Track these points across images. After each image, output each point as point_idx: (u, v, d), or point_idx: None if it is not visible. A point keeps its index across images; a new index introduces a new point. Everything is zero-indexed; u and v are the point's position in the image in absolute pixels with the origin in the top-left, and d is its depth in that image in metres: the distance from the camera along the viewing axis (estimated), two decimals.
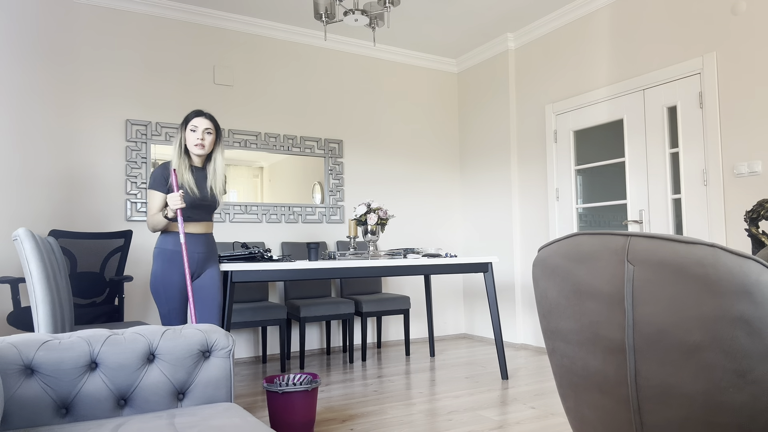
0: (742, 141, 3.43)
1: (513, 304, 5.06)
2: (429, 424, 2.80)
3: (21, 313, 3.26)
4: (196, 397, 1.74)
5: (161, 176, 2.70)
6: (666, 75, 3.86)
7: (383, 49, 5.39)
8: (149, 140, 4.28)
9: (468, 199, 5.70)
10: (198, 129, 2.68)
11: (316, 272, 3.29)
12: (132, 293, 4.18)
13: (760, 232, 2.24)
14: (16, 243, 2.33)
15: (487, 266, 3.79)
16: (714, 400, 1.05)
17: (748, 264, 1.00)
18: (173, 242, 2.69)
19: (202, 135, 2.68)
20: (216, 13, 4.55)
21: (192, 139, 2.68)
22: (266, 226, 4.73)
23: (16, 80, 3.89)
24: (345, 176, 5.15)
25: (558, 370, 1.41)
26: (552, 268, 1.35)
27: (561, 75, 4.70)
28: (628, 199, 4.14)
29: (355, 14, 3.37)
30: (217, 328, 1.85)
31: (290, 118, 4.92)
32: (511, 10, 4.63)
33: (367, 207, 3.74)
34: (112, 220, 4.14)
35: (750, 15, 3.41)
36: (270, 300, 4.68)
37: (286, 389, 2.51)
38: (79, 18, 4.12)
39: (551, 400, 3.21)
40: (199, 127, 2.68)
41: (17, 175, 3.86)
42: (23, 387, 1.52)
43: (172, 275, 2.66)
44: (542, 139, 4.88)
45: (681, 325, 1.06)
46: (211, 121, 2.72)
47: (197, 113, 2.71)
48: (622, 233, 1.18)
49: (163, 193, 2.70)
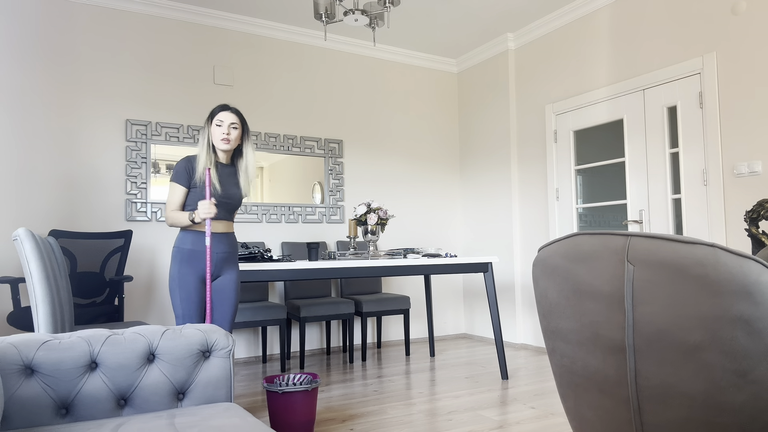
0: (742, 141, 3.43)
1: (513, 304, 5.06)
2: (429, 424, 2.80)
3: (21, 313, 3.26)
4: (196, 397, 1.74)
5: (184, 169, 2.59)
6: (666, 75, 3.86)
7: (383, 49, 5.39)
8: (149, 140, 4.28)
9: (468, 199, 5.70)
10: (224, 123, 2.61)
11: (316, 272, 3.29)
12: (132, 293, 4.18)
13: (760, 232, 2.24)
14: (16, 243, 2.33)
15: (487, 266, 3.78)
16: (714, 400, 1.05)
17: (748, 264, 1.00)
18: (191, 241, 2.59)
19: (228, 130, 2.61)
20: (216, 13, 4.55)
21: (218, 133, 2.60)
22: (266, 226, 4.73)
23: (16, 80, 3.89)
24: (345, 176, 5.15)
25: (558, 370, 1.41)
26: (552, 268, 1.35)
27: (561, 75, 4.70)
28: (628, 199, 4.14)
29: (355, 14, 3.37)
30: (217, 328, 1.85)
31: (290, 118, 4.92)
32: (511, 10, 4.63)
33: (367, 207, 3.74)
34: (112, 220, 4.14)
35: (750, 15, 3.41)
36: (270, 300, 4.68)
37: (286, 389, 2.51)
38: (79, 18, 4.12)
39: (551, 400, 3.21)
40: (225, 121, 2.61)
41: (17, 175, 3.86)
42: (23, 387, 1.52)
43: (189, 276, 2.56)
44: (542, 139, 4.88)
45: (681, 325, 1.06)
46: (237, 116, 2.65)
47: (223, 107, 2.64)
48: (622, 233, 1.18)
49: (184, 187, 2.60)
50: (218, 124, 2.61)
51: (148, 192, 4.24)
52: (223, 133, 2.60)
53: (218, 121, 2.61)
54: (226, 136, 2.60)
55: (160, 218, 4.28)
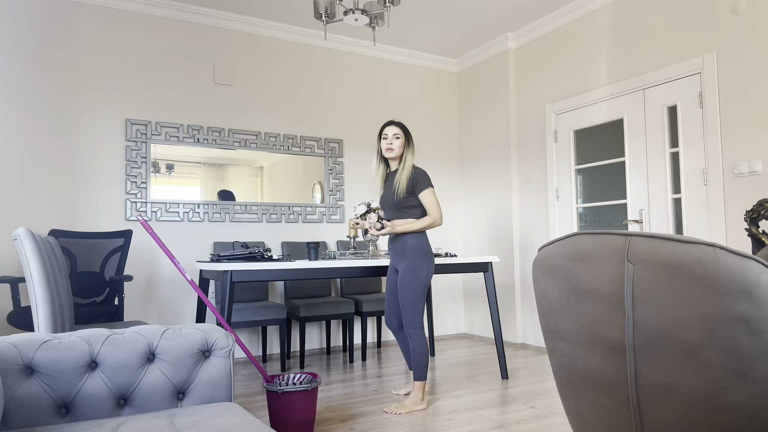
0: (742, 141, 3.43)
1: (513, 304, 5.06)
2: (429, 423, 2.80)
3: (21, 313, 3.26)
4: (196, 397, 1.74)
5: None
6: (666, 75, 3.86)
7: (383, 48, 5.39)
8: (149, 140, 4.28)
9: (468, 198, 5.70)
10: (388, 136, 3.13)
11: (316, 272, 3.29)
12: (132, 293, 4.18)
13: (760, 232, 2.24)
14: (16, 243, 2.33)
15: (487, 266, 3.78)
16: (714, 399, 1.04)
17: (748, 264, 1.00)
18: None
19: (391, 140, 3.12)
20: (216, 13, 4.55)
21: (384, 145, 3.13)
22: (266, 226, 4.73)
23: (16, 80, 3.89)
24: (345, 176, 5.15)
25: (558, 369, 1.41)
26: (552, 268, 1.35)
27: (561, 74, 4.70)
28: (628, 198, 4.13)
29: (355, 14, 3.37)
30: (217, 328, 1.85)
31: (290, 117, 4.92)
32: (511, 9, 4.63)
33: (367, 206, 3.74)
34: (112, 220, 4.14)
35: (750, 15, 3.41)
36: (270, 300, 4.68)
37: (286, 389, 2.51)
38: (79, 18, 4.12)
39: (551, 399, 3.21)
40: (389, 134, 3.12)
41: (17, 175, 3.86)
42: (23, 387, 1.52)
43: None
44: (542, 138, 4.88)
45: (681, 324, 1.06)
46: (399, 127, 3.13)
47: (387, 124, 3.16)
48: (622, 233, 1.18)
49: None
50: (384, 137, 3.14)
51: (148, 192, 4.24)
52: (387, 143, 3.11)
53: (384, 135, 3.14)
54: (389, 146, 3.11)
55: (160, 218, 4.28)
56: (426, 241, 3.11)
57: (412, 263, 3.04)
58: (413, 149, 3.13)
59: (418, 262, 3.04)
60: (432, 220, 3.04)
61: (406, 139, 3.12)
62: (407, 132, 3.14)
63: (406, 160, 3.09)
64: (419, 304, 3.03)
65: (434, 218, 3.05)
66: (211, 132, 4.53)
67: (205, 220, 4.46)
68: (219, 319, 2.43)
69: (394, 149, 3.10)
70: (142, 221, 2.32)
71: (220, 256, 3.24)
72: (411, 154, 3.11)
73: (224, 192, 4.56)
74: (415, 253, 3.04)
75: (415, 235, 3.08)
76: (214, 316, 4.14)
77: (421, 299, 3.04)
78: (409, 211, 3.09)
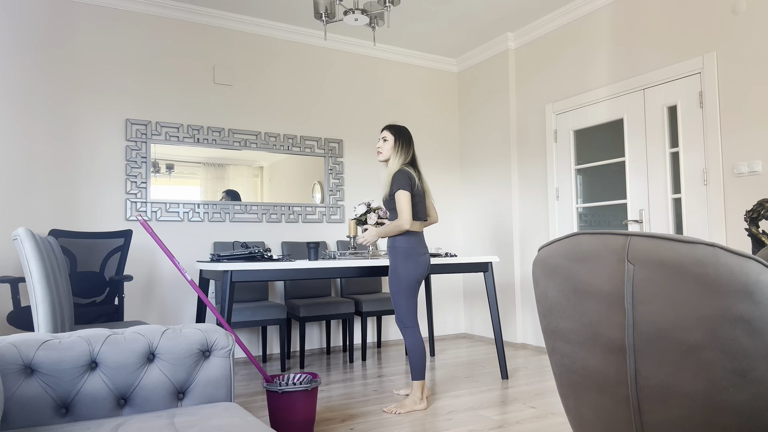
0: (742, 141, 3.43)
1: (513, 304, 5.06)
2: (429, 423, 2.80)
3: (21, 313, 3.26)
4: (196, 397, 1.74)
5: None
6: (666, 74, 3.86)
7: (383, 48, 5.39)
8: (149, 140, 4.28)
9: (468, 198, 5.70)
10: (379, 139, 3.23)
11: (316, 272, 3.29)
12: (132, 293, 4.18)
13: (760, 232, 2.24)
14: (16, 243, 2.33)
15: (487, 266, 3.78)
16: (714, 399, 1.04)
17: (748, 264, 1.00)
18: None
19: (380, 143, 3.21)
20: (216, 12, 4.55)
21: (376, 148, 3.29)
22: (266, 226, 4.72)
23: (16, 80, 3.89)
24: (345, 176, 5.15)
25: (558, 369, 1.41)
26: (552, 268, 1.35)
27: (561, 74, 4.70)
28: (628, 198, 4.13)
29: (355, 14, 3.37)
30: (217, 328, 1.85)
31: (290, 117, 4.92)
32: (511, 9, 4.63)
33: (367, 206, 3.74)
34: (112, 220, 4.14)
35: (750, 15, 3.41)
36: (270, 300, 4.68)
37: (286, 389, 2.51)
38: (79, 18, 4.12)
39: (551, 399, 3.21)
40: (379, 137, 3.23)
41: (17, 175, 3.86)
42: (23, 387, 1.52)
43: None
44: (542, 138, 4.88)
45: (681, 324, 1.06)
46: (388, 130, 3.19)
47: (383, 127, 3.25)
48: (622, 233, 1.18)
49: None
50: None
51: (148, 192, 4.24)
52: (377, 146, 3.22)
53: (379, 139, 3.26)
54: (378, 149, 3.22)
55: (160, 218, 4.28)
56: (412, 242, 3.09)
57: (393, 263, 3.10)
58: (405, 151, 3.13)
59: (398, 262, 3.07)
60: (397, 223, 3.02)
61: (396, 142, 3.15)
62: (399, 134, 3.16)
63: (390, 162, 3.16)
64: (407, 304, 3.05)
65: (399, 222, 3.01)
66: (211, 132, 4.53)
67: (205, 220, 4.46)
68: (219, 319, 2.43)
69: (382, 152, 3.19)
70: (142, 221, 2.32)
71: (220, 256, 3.24)
72: (398, 156, 3.13)
73: (231, 192, 4.57)
74: (396, 254, 3.09)
75: (402, 236, 3.09)
76: (214, 316, 4.14)
77: (407, 299, 3.05)
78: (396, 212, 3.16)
